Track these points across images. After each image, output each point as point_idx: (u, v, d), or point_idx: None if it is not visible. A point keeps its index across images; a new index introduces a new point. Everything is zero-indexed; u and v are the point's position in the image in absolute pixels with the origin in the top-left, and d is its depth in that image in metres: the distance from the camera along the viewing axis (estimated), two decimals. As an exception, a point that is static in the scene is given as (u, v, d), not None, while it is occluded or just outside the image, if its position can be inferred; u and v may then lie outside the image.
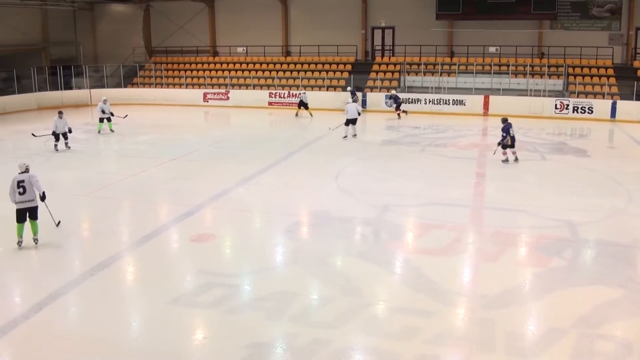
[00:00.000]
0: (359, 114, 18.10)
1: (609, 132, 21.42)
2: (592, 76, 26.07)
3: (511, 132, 14.39)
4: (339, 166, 13.85)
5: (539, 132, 20.10)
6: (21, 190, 8.29)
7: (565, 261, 8.05)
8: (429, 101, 25.30)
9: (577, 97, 24.40)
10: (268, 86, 28.33)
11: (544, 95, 24.69)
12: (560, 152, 16.31)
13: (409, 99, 24.87)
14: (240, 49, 31.48)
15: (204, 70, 30.36)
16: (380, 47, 30.50)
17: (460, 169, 13.74)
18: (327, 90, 27.13)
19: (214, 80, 29.45)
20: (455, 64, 27.17)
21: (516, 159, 14.49)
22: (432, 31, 28.18)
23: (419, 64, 27.52)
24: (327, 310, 6.61)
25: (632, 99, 23.47)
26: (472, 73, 26.40)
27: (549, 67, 26.11)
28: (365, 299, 6.90)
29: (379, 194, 11.34)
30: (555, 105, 23.97)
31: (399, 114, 23.08)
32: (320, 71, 28.72)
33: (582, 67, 26.54)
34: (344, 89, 26.51)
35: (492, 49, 28.28)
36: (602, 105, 23.63)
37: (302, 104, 23.44)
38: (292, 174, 13.22)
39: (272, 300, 6.80)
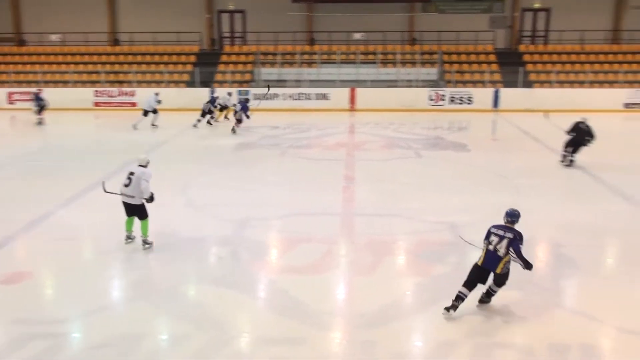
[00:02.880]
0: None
1: (492, 123, 23.32)
2: (471, 63, 28.23)
3: None
4: (187, 176, 13.60)
5: (412, 127, 21.30)
6: (127, 182, 8.98)
7: (451, 267, 8.49)
8: (288, 96, 25.70)
9: (455, 86, 26.24)
10: (93, 82, 26.96)
11: (416, 86, 26.19)
12: (437, 148, 17.36)
13: (265, 94, 25.01)
14: (54, 37, 29.62)
15: (6, 64, 28.13)
16: (229, 34, 30.47)
17: (327, 173, 14.13)
18: (167, 86, 26.48)
19: (22, 77, 27.41)
20: (316, 53, 27.90)
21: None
22: (288, 16, 28.76)
23: (274, 54, 27.87)
24: (181, 350, 6.37)
25: (517, 86, 25.69)
26: (336, 63, 27.30)
27: (421, 54, 27.75)
28: (226, 332, 6.75)
29: (236, 207, 11.25)
30: (430, 96, 25.52)
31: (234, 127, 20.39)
32: (157, 63, 27.97)
33: (459, 54, 28.63)
34: (188, 84, 26.06)
35: (357, 36, 29.50)
36: (483, 95, 25.68)
37: (223, 108, 22.03)
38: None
39: (111, 348, 6.38)
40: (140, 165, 9.07)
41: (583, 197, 12.20)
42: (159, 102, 20.92)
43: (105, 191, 9.28)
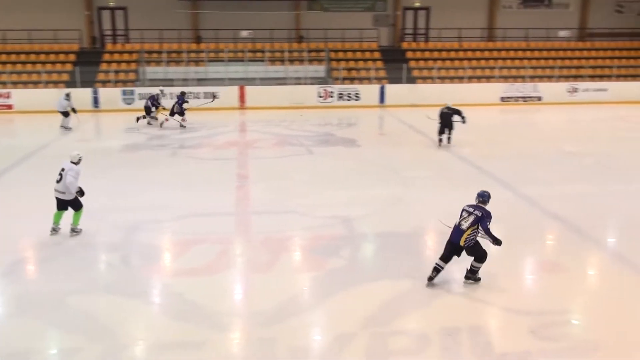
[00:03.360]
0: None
1: (379, 118, 23.92)
2: (357, 60, 28.79)
3: None
4: (70, 181, 13.01)
5: (303, 124, 21.49)
6: (58, 178, 9.41)
7: (345, 260, 8.66)
8: (176, 95, 25.17)
9: (342, 83, 26.70)
10: (-42, 84, 25.12)
11: (305, 84, 26.42)
12: (327, 144, 17.64)
13: (149, 94, 24.36)
14: None
15: None
16: (111, 32, 29.41)
17: (220, 172, 14.02)
18: (46, 86, 25.16)
19: None
20: (203, 52, 27.51)
21: None
22: (173, 13, 28.19)
23: (160, 52, 27.22)
24: (71, 364, 6.10)
25: (401, 82, 26.45)
26: (224, 61, 27.04)
27: (309, 52, 28.02)
28: (119, 340, 6.53)
29: (126, 211, 10.91)
30: (319, 93, 25.83)
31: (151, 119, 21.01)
32: (34, 63, 26.50)
33: (345, 51, 29.14)
34: (68, 84, 24.87)
35: (244, 34, 29.35)
36: (369, 91, 26.28)
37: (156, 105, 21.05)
38: (5, 199, 11.96)
39: (-9, 367, 6.01)
40: (72, 162, 9.53)
41: (467, 186, 12.61)
42: (68, 101, 19.91)
43: None
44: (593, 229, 9.97)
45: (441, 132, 16.95)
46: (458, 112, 16.96)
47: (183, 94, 21.06)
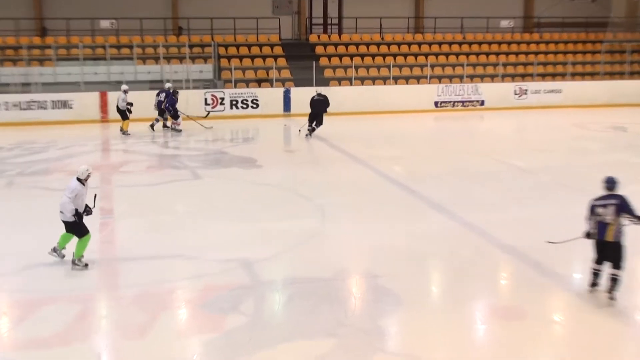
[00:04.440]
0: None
1: (284, 130, 24.12)
2: (253, 57, 28.87)
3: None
4: None
5: (186, 140, 21.33)
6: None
7: (247, 317, 8.50)
8: (14, 105, 24.21)
9: (235, 86, 26.64)
10: None
11: (187, 88, 26.16)
12: (219, 165, 17.69)
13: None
14: None
15: None
16: None
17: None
18: None
19: None
20: (50, 47, 26.73)
21: None
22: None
23: (-10, 48, 26.35)
24: None
25: (311, 84, 26.40)
26: (79, 60, 26.40)
27: (190, 47, 27.78)
28: None
29: (-55, 262, 10.35)
30: (206, 100, 25.64)
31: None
32: None
33: (238, 46, 29.16)
34: None
35: (105, 24, 28.83)
36: (270, 96, 26.43)
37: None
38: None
39: None
40: (77, 179, 10.02)
41: (398, 215, 12.99)
42: None
43: None
44: (554, 262, 10.26)
45: (311, 120, 19.55)
46: (327, 102, 19.76)
47: (175, 92, 22.52)
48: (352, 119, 25.85)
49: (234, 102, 25.90)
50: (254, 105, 26.10)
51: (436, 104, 28.52)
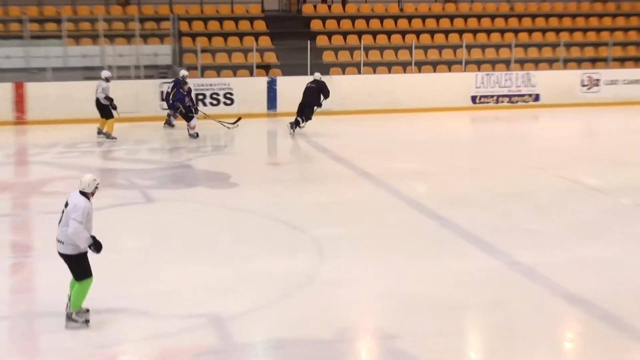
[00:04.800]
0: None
1: (268, 135, 24.38)
2: (227, 35, 28.69)
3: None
4: None
5: (136, 149, 21.63)
6: (60, 219, 9.87)
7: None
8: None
9: (203, 75, 26.54)
10: None
11: (138, 77, 26.24)
12: (180, 184, 17.75)
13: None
14: None
15: None
16: None
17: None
18: None
19: None
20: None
21: None
22: None
23: None
24: None
25: (305, 73, 26.30)
26: (-14, 39, 26.35)
27: (141, 21, 27.65)
28: None
29: None
30: (162, 93, 25.34)
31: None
32: None
33: (205, 20, 29.04)
34: None
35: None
36: (250, 88, 26.29)
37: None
38: None
39: None
40: (81, 192, 9.81)
41: (422, 251, 12.98)
42: None
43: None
44: (637, 317, 10.24)
45: (299, 112, 21.24)
46: (323, 90, 21.02)
47: (184, 81, 23.12)
48: (360, 120, 25.94)
49: (201, 97, 25.76)
50: (228, 101, 25.95)
51: (474, 99, 28.59)
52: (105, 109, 22.28)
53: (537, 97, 29.06)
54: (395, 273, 11.79)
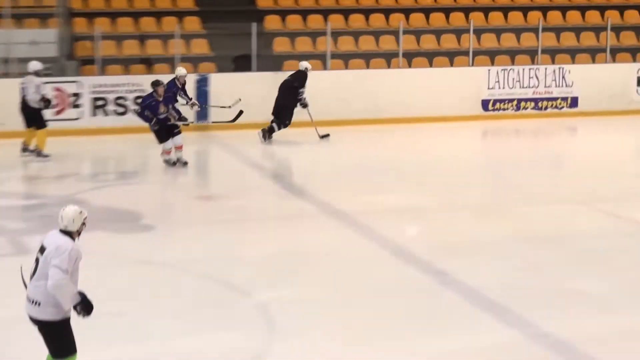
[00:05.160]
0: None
1: (197, 156, 24.65)
2: (137, 16, 29.72)
3: None
4: None
5: (4, 177, 21.40)
6: (32, 269, 9.93)
7: None
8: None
9: (102, 72, 27.05)
10: None
11: (4, 74, 26.60)
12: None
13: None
14: None
15: None
16: None
17: None
18: None
19: None
20: None
21: None
22: None
23: None
24: None
25: (248, 68, 27.09)
26: None
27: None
28: None
29: None
30: (43, 98, 25.23)
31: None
32: None
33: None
34: None
35: None
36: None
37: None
38: None
39: None
40: (63, 232, 9.79)
41: (416, 322, 12.78)
42: None
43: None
44: None
45: (273, 114, 23.34)
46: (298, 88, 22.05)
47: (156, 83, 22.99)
48: (330, 134, 26.01)
49: (100, 104, 25.84)
50: (139, 109, 25.92)
51: (485, 104, 28.86)
52: (35, 115, 22.76)
53: (574, 102, 29.30)
54: (379, 355, 11.59)
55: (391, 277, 14.76)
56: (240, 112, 23.93)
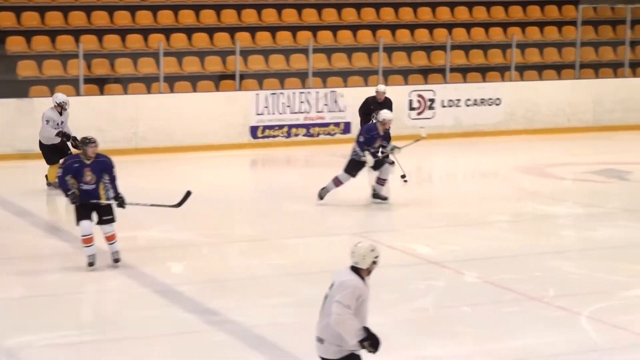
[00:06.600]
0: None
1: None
2: None
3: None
4: None
5: None
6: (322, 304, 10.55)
7: None
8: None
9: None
10: None
11: None
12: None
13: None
14: None
15: None
16: None
17: None
18: None
19: None
20: None
21: None
22: None
23: None
24: None
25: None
26: None
27: None
28: None
29: None
30: None
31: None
32: None
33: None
34: None
35: None
36: None
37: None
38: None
39: None
40: (353, 268, 10.13)
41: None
42: None
43: None
44: None
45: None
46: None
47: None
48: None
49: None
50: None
51: (254, 131, 28.82)
52: (54, 151, 22.65)
53: (347, 127, 29.30)
54: None
55: (157, 318, 14.72)
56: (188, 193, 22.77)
